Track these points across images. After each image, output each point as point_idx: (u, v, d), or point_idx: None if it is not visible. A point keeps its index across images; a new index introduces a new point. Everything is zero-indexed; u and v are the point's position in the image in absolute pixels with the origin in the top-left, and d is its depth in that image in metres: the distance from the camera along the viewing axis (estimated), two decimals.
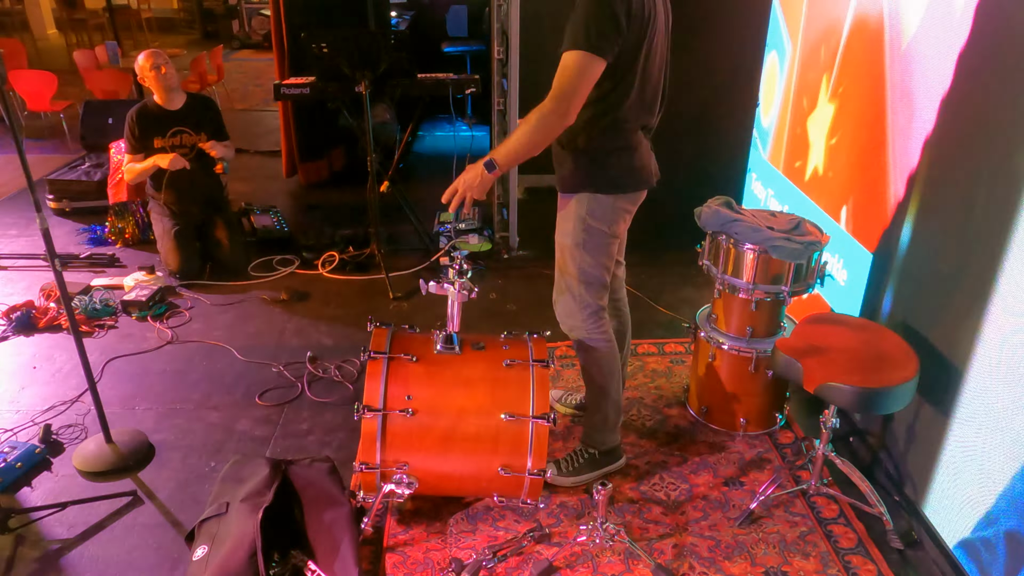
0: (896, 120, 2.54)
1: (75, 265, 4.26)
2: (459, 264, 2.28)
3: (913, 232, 2.44)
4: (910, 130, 2.44)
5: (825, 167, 3.13)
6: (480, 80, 4.31)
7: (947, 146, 2.26)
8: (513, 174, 4.40)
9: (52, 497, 2.51)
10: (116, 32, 10.04)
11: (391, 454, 2.23)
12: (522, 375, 2.27)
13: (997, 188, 2.00)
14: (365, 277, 4.19)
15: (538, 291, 4.03)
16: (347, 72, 3.87)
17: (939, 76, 2.27)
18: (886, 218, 2.59)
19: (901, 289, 2.52)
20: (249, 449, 2.80)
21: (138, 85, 7.04)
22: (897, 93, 2.54)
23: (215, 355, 3.42)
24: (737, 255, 2.65)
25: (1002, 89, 2.00)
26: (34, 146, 6.57)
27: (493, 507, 2.49)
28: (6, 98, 2.15)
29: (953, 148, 2.23)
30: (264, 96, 8.87)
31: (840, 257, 2.94)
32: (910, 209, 2.44)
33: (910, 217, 2.44)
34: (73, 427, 2.89)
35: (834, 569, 2.26)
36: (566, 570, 2.25)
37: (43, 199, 4.88)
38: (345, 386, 3.18)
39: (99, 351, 3.41)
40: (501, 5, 4.09)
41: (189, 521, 2.44)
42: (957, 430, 2.18)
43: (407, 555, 2.30)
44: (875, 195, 2.68)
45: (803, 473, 2.65)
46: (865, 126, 2.76)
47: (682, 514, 2.49)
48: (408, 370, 2.26)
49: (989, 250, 2.01)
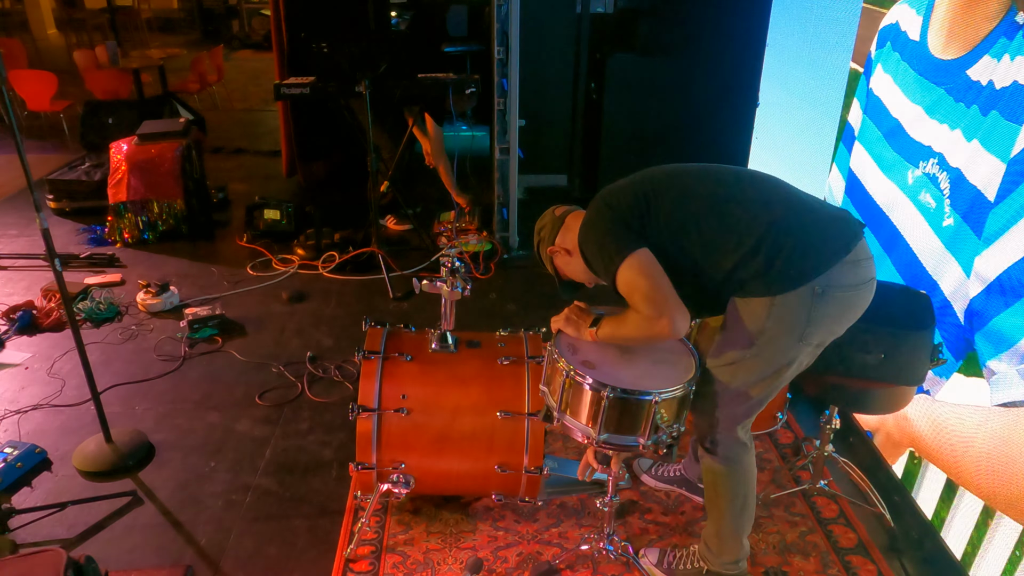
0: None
1: (75, 265, 4.26)
2: (451, 263, 2.28)
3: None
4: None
5: None
6: (480, 80, 4.31)
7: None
8: (513, 174, 4.40)
9: (52, 497, 2.51)
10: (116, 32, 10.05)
11: (387, 453, 2.23)
12: (518, 372, 2.27)
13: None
14: (365, 277, 4.19)
15: (538, 291, 4.04)
16: (347, 72, 3.87)
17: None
18: None
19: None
20: (249, 449, 2.80)
21: (138, 84, 7.06)
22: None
23: (215, 355, 3.42)
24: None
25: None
26: (34, 146, 6.57)
27: (493, 507, 2.48)
28: (6, 98, 2.14)
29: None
30: (264, 96, 8.87)
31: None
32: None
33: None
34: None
35: (834, 569, 2.26)
36: (567, 571, 2.25)
37: (43, 199, 4.88)
38: (345, 386, 3.18)
39: (99, 351, 3.41)
40: (501, 5, 4.09)
41: (189, 521, 2.45)
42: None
43: (407, 555, 2.30)
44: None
45: (803, 473, 2.65)
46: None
47: (682, 514, 2.49)
48: (403, 369, 2.26)
49: None
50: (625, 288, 1.78)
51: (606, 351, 1.95)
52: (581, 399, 1.85)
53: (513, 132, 4.30)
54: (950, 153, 2.39)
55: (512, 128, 4.28)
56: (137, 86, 7.09)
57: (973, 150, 2.26)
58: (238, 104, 8.60)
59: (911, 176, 2.62)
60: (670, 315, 1.72)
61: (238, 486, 2.61)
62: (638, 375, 1.86)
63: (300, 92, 4.08)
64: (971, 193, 2.24)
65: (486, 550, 2.32)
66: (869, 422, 2.81)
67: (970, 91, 2.34)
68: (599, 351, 1.94)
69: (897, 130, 2.75)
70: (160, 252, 4.49)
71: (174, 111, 5.99)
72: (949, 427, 2.29)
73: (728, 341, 1.86)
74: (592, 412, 1.84)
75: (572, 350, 1.94)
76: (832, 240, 1.76)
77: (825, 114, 3.19)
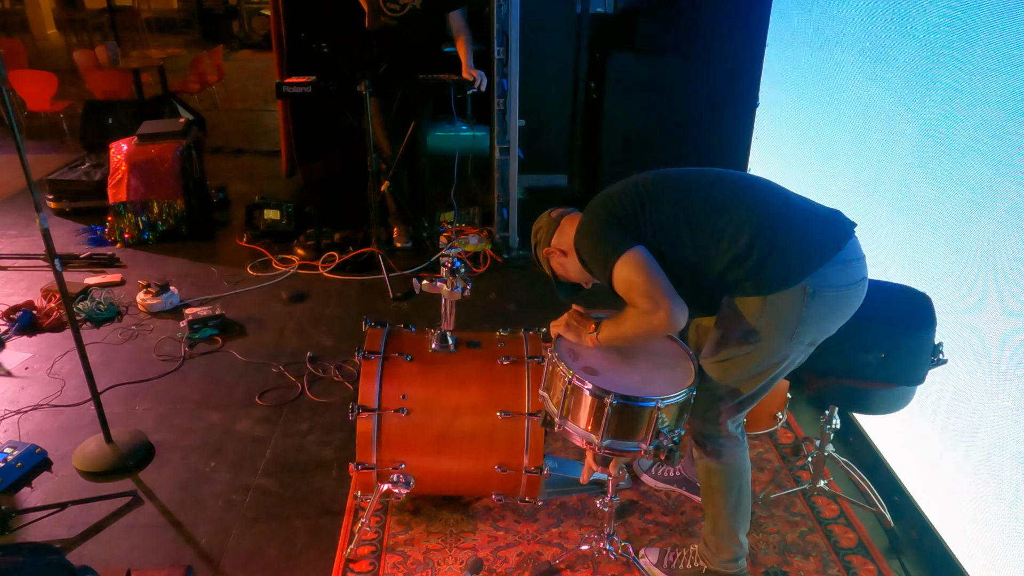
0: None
1: (75, 265, 4.26)
2: (451, 262, 2.28)
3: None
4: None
5: None
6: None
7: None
8: (513, 174, 4.41)
9: (52, 497, 2.51)
10: (116, 32, 10.06)
11: (387, 454, 2.23)
12: (518, 373, 2.27)
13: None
14: (365, 277, 4.19)
15: (538, 291, 4.04)
16: (347, 72, 3.87)
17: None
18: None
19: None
20: (249, 449, 2.80)
21: (138, 84, 7.07)
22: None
23: (215, 355, 3.42)
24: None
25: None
26: (34, 146, 6.57)
27: (493, 507, 2.48)
28: (6, 98, 2.15)
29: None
30: (264, 96, 8.87)
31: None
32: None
33: None
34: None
35: (834, 569, 2.26)
36: (567, 571, 2.25)
37: (43, 199, 4.88)
38: (345, 386, 3.18)
39: (99, 351, 3.41)
40: (501, 5, 4.10)
41: (189, 521, 2.45)
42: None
43: (407, 555, 2.30)
44: None
45: (803, 473, 2.65)
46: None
47: (682, 514, 2.49)
48: (403, 369, 2.26)
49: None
50: (622, 285, 1.80)
51: (607, 357, 1.96)
52: (582, 405, 1.85)
53: (513, 132, 4.30)
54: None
55: (512, 128, 4.29)
56: (137, 86, 7.09)
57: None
58: (238, 104, 8.60)
59: None
60: (667, 307, 1.73)
61: (238, 486, 2.61)
62: (640, 381, 1.86)
63: (301, 91, 4.08)
64: None
65: (486, 550, 2.32)
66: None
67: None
68: (600, 357, 1.95)
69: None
70: (160, 252, 4.49)
71: (174, 111, 6.00)
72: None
73: (722, 339, 1.88)
74: (594, 418, 1.84)
75: (573, 356, 1.94)
76: (823, 240, 1.78)
77: (826, 113, 3.19)
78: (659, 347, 2.03)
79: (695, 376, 1.90)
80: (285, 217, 4.66)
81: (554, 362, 1.92)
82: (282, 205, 4.68)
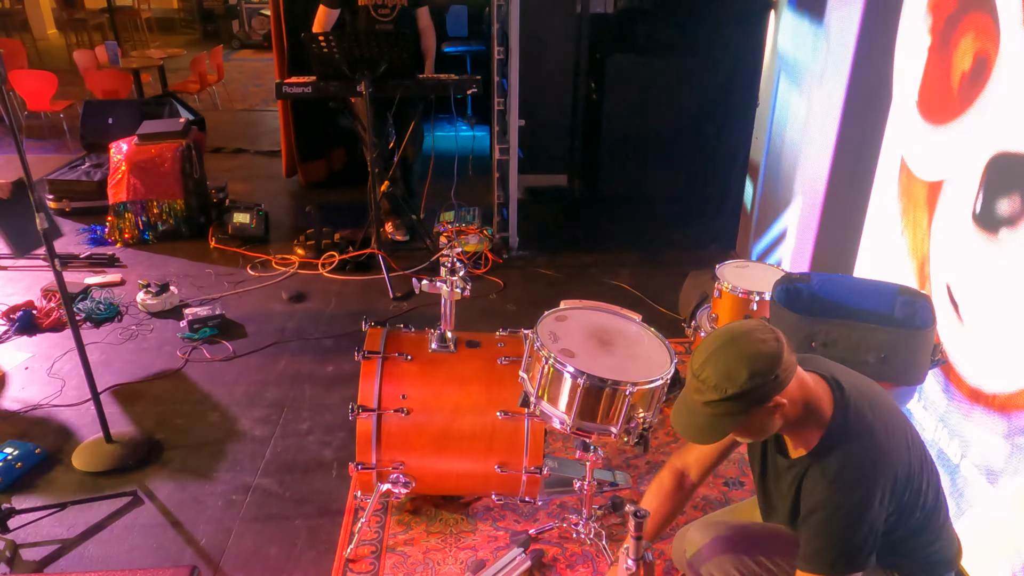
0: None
1: (75, 265, 4.26)
2: (451, 262, 2.28)
3: None
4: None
5: None
6: (480, 80, 4.31)
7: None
8: (513, 174, 4.40)
9: (52, 497, 2.51)
10: (116, 32, 10.04)
11: (387, 454, 2.24)
12: (517, 372, 2.27)
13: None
14: (365, 277, 4.19)
15: (538, 291, 4.04)
16: (347, 72, 3.87)
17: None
18: None
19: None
20: (249, 449, 2.80)
21: (138, 84, 7.06)
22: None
23: (215, 355, 3.42)
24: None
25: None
26: (34, 146, 6.56)
27: (493, 507, 2.49)
28: (6, 98, 2.15)
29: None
30: (264, 96, 8.86)
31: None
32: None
33: None
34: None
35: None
36: (567, 571, 2.25)
37: (43, 199, 4.87)
38: (345, 386, 3.18)
39: (99, 351, 3.41)
40: (501, 5, 4.10)
41: (189, 521, 2.45)
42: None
43: (407, 555, 2.30)
44: None
45: None
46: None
47: (682, 514, 2.49)
48: (403, 369, 2.26)
49: None
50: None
51: (587, 341, 2.01)
52: (560, 387, 1.90)
53: (513, 132, 4.30)
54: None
55: (512, 128, 4.28)
56: (137, 86, 7.08)
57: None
58: (238, 104, 8.59)
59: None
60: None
61: (238, 486, 2.61)
62: (614, 366, 1.90)
63: (302, 91, 4.08)
64: None
65: (486, 550, 2.32)
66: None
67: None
68: (580, 341, 2.00)
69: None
70: (160, 252, 4.49)
71: (174, 111, 5.98)
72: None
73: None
74: (567, 399, 1.89)
75: (553, 338, 1.98)
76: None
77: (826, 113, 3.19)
78: (637, 334, 2.08)
79: (670, 365, 1.93)
80: (255, 220, 4.60)
81: (536, 345, 1.95)
82: (253, 208, 4.64)
